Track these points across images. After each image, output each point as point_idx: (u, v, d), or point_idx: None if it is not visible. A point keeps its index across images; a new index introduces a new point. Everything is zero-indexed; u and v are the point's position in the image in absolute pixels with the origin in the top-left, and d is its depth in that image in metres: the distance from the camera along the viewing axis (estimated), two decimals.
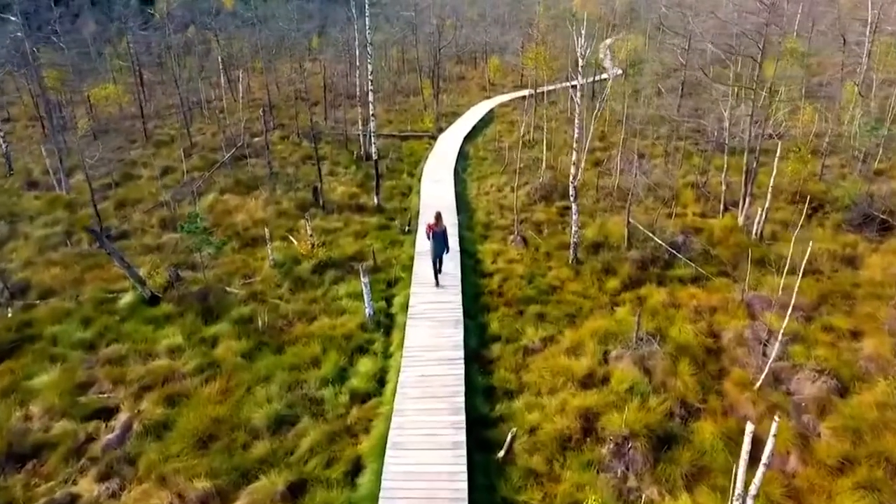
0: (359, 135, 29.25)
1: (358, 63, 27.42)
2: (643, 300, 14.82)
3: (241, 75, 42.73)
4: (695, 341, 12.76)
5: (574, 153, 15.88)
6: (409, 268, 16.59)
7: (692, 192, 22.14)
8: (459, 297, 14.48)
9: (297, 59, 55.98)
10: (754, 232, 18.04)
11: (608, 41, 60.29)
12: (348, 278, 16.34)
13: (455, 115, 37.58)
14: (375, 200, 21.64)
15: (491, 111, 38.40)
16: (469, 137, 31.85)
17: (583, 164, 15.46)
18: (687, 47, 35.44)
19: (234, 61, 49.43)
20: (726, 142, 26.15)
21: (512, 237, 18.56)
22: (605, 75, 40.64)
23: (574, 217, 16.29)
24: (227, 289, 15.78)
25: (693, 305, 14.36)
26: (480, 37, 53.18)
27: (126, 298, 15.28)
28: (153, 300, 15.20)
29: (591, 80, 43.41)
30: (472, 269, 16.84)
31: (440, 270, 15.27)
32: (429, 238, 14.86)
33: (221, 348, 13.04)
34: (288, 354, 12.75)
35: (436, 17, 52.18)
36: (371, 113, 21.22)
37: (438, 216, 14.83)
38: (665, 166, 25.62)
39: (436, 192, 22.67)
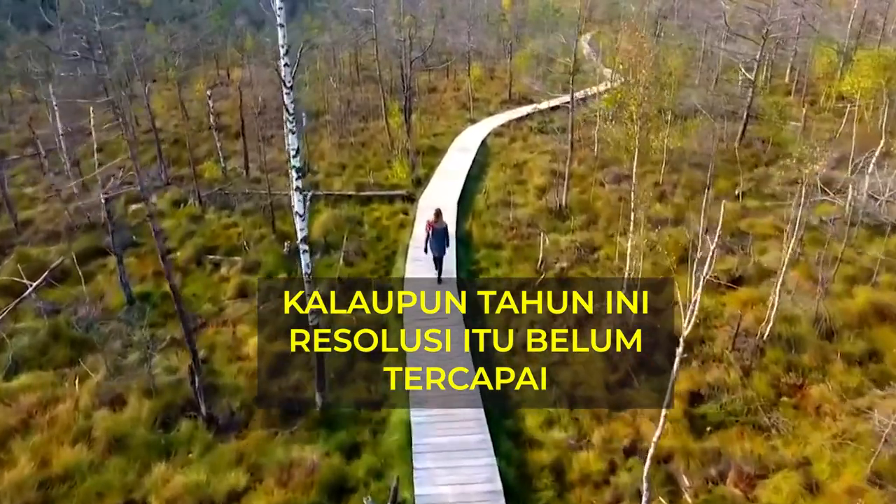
0: (291, 199, 17.99)
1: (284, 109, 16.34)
2: None
3: (130, 93, 30.97)
4: None
5: None
6: None
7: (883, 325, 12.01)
8: None
9: (223, 67, 44.34)
10: None
11: (587, 36, 50.89)
12: None
13: (434, 151, 26.75)
14: (318, 398, 10.72)
15: (483, 144, 27.75)
16: (464, 198, 21.14)
17: None
18: (759, 57, 25.61)
19: (137, 72, 37.33)
20: (863, 213, 16.61)
21: None
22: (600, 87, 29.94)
23: None
24: None
25: None
26: (458, 38, 42.53)
27: None
28: None
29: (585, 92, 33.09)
30: None
31: (441, 278, 14.44)
32: (428, 236, 14.17)
33: None
34: None
35: (392, 13, 41.05)
36: (301, 220, 10.18)
37: (438, 213, 14.32)
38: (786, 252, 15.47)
39: (433, 352, 11.96)
